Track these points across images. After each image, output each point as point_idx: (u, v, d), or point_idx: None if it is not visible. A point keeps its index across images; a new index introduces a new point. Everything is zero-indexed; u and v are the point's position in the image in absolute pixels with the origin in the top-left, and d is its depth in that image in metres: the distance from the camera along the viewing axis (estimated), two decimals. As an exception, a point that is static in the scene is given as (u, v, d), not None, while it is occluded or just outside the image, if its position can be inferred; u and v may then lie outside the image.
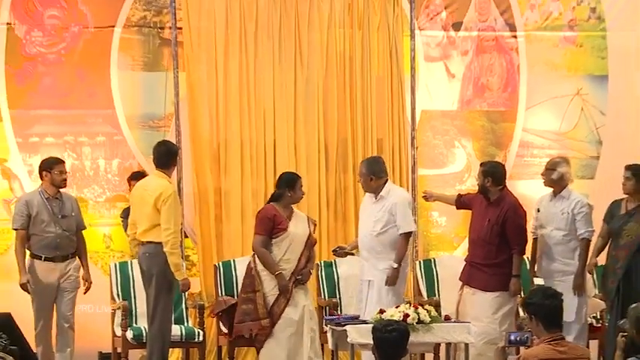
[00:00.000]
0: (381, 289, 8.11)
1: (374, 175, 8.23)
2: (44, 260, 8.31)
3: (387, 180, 8.30)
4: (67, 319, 8.36)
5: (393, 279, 8.10)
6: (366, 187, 8.35)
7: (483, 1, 10.21)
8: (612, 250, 8.30)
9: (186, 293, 8.56)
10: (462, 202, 8.55)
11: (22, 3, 9.46)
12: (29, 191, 8.89)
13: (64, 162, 8.58)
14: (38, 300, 8.31)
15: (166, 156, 7.98)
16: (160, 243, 7.73)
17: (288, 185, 8.23)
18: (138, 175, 8.74)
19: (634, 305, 5.78)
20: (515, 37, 10.28)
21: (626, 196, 8.33)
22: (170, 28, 9.36)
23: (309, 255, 8.27)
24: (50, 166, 8.39)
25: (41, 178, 8.42)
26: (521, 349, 6.49)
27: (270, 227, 8.09)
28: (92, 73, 9.57)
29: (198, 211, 9.29)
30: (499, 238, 8.11)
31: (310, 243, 8.27)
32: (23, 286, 8.25)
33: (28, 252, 8.34)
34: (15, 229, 8.34)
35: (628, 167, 8.35)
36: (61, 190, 8.45)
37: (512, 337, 6.29)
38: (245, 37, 9.39)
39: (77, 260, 8.47)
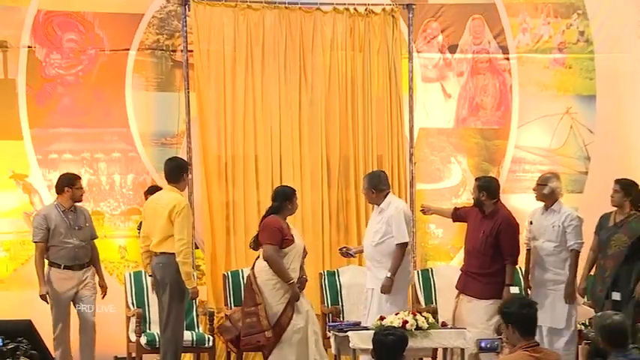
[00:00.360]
0: (380, 297, 8.21)
1: (374, 188, 8.37)
2: (63, 268, 8.47)
3: (387, 193, 8.42)
4: (88, 320, 8.51)
5: (386, 288, 8.19)
6: (369, 199, 8.53)
7: (478, 25, 10.32)
8: (601, 260, 8.38)
9: (197, 301, 8.64)
10: (458, 214, 8.66)
11: (43, 27, 9.56)
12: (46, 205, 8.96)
13: (81, 178, 8.76)
14: (57, 306, 8.48)
15: (177, 171, 8.06)
16: (173, 253, 7.82)
17: (286, 198, 8.28)
18: (154, 190, 8.70)
19: (599, 313, 5.91)
20: (507, 59, 10.39)
21: (615, 208, 8.39)
22: (182, 51, 9.53)
23: (303, 265, 8.40)
24: (72, 182, 8.56)
25: (61, 192, 8.57)
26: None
27: (280, 238, 8.12)
28: (108, 93, 9.70)
29: (208, 223, 9.38)
30: (493, 249, 8.22)
31: (304, 253, 8.39)
32: (42, 297, 8.44)
33: (46, 261, 8.49)
34: (35, 242, 8.52)
35: (617, 181, 8.44)
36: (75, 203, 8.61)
37: (483, 344, 6.30)
38: (252, 60, 9.54)
39: (93, 267, 8.61)
